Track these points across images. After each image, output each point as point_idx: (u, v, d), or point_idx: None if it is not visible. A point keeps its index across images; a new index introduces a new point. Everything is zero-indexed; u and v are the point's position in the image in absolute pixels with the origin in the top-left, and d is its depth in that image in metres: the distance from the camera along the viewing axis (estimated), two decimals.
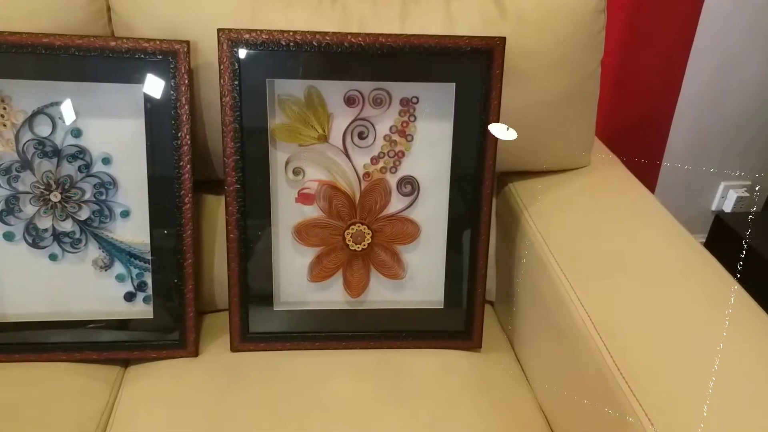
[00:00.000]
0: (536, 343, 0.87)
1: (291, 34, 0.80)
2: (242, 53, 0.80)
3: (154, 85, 0.81)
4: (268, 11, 0.84)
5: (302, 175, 0.87)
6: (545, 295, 0.82)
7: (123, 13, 0.85)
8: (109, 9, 0.86)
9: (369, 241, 0.89)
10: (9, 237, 0.85)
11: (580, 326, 0.72)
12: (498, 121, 0.83)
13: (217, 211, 0.96)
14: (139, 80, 0.81)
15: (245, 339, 0.89)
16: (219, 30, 0.78)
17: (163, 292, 0.88)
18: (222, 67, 0.80)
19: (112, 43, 0.79)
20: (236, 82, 0.80)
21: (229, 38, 0.78)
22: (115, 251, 0.88)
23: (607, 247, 0.83)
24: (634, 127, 1.48)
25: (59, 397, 0.82)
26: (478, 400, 0.83)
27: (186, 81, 0.81)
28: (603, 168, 1.03)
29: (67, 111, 0.82)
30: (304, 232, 0.89)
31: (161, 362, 0.89)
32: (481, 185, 0.86)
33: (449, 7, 0.87)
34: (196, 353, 0.90)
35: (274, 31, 0.80)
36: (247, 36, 0.79)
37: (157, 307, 0.88)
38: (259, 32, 0.79)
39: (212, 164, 0.93)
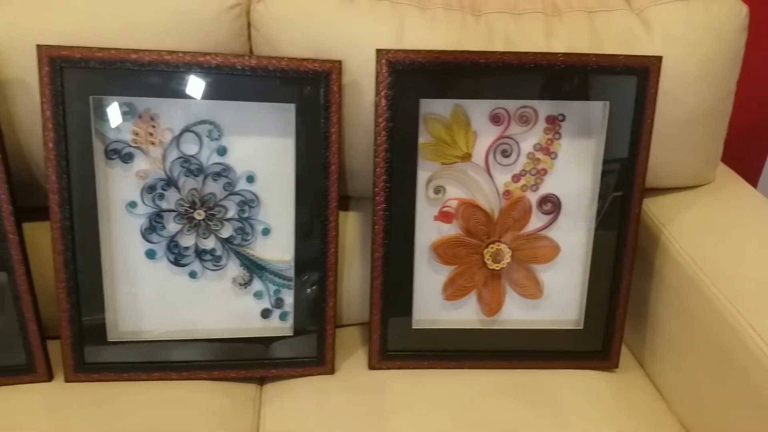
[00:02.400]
0: (681, 362, 0.85)
1: (443, 54, 0.79)
2: (398, 73, 0.79)
3: (306, 105, 0.81)
4: (414, 30, 0.84)
5: (443, 194, 0.87)
6: (699, 316, 0.81)
7: (266, 31, 0.84)
8: (249, 26, 0.87)
9: (508, 261, 0.89)
10: (151, 255, 0.86)
11: (753, 350, 0.71)
12: (650, 140, 0.82)
13: (344, 226, 0.95)
14: (291, 99, 0.81)
15: (384, 357, 0.89)
16: (378, 50, 0.78)
17: (304, 310, 0.88)
18: (379, 88, 0.79)
19: (266, 63, 0.79)
20: (391, 102, 0.80)
21: (387, 58, 0.78)
22: (254, 268, 0.88)
23: (762, 269, 0.81)
24: (738, 137, 1.45)
25: (205, 417, 0.82)
26: (625, 420, 0.83)
27: (338, 100, 0.80)
28: (728, 184, 1.01)
29: (214, 130, 0.83)
30: (441, 251, 0.88)
31: (298, 380, 0.88)
32: (629, 204, 0.84)
33: (593, 23, 0.86)
34: (332, 371, 0.90)
35: (430, 51, 0.79)
36: (403, 56, 0.79)
37: (297, 324, 0.88)
38: (415, 53, 0.79)
39: (345, 182, 0.93)
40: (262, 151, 0.84)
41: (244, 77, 0.80)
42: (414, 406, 0.83)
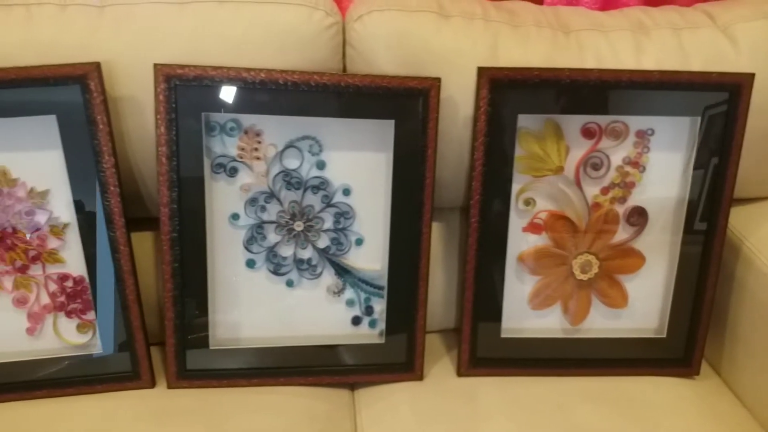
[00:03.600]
0: (763, 370, 0.87)
1: (543, 71, 0.82)
2: (498, 90, 0.82)
3: (405, 120, 0.83)
4: (508, 47, 0.86)
5: (533, 206, 0.89)
6: None
7: (362, 49, 0.86)
8: (344, 44, 0.90)
9: (596, 271, 0.91)
10: (251, 264, 0.88)
11: None
12: (740, 154, 0.84)
13: None
14: (390, 115, 0.83)
15: (473, 364, 0.91)
16: (480, 68, 0.81)
17: (395, 317, 0.90)
18: (479, 104, 0.82)
19: (369, 81, 0.81)
20: (490, 118, 0.82)
21: (488, 76, 0.81)
22: (348, 277, 0.90)
23: None
24: None
25: (305, 422, 0.84)
26: (710, 427, 0.85)
27: (436, 116, 0.83)
28: None
29: (314, 145, 0.86)
30: (530, 261, 0.91)
31: (388, 386, 0.91)
32: (716, 216, 0.87)
33: (681, 40, 0.88)
34: (421, 377, 0.92)
35: (529, 68, 0.81)
36: (504, 73, 0.81)
37: (388, 331, 0.91)
38: (516, 70, 0.81)
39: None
40: (358, 165, 0.86)
41: (345, 94, 0.82)
42: (506, 412, 0.86)
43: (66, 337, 0.87)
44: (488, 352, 0.91)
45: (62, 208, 0.82)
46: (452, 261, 0.98)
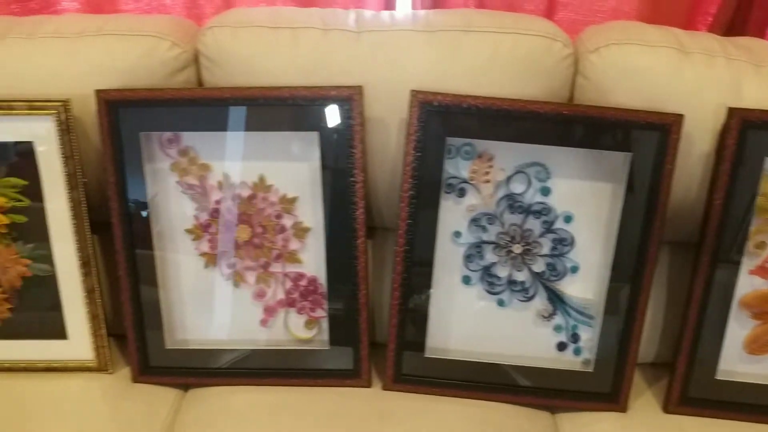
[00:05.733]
0: None
1: None
2: (748, 131, 0.80)
3: (641, 154, 0.83)
4: (751, 87, 0.84)
5: (763, 249, 0.87)
6: None
7: (596, 80, 0.88)
8: (575, 74, 0.92)
9: None
10: (466, 281, 0.93)
11: None
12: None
13: None
14: (624, 148, 0.83)
15: (683, 403, 0.90)
16: (732, 109, 0.80)
17: (605, 348, 0.90)
18: (726, 143, 0.81)
19: (606, 113, 0.82)
20: (736, 159, 0.81)
21: (741, 117, 0.80)
22: (558, 303, 0.92)
23: None
24: None
25: None
26: None
27: (675, 152, 0.82)
28: None
29: (542, 171, 0.88)
30: (754, 305, 0.88)
31: (591, 414, 0.92)
32: None
33: None
34: (625, 409, 0.92)
35: None
36: (758, 115, 0.80)
37: (596, 361, 0.92)
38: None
39: None
40: (583, 194, 0.88)
41: (579, 124, 0.84)
42: None
43: (294, 331, 0.95)
44: (700, 392, 0.90)
45: (307, 214, 0.90)
46: (660, 296, 0.97)
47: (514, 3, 1.11)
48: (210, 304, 0.94)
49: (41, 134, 0.83)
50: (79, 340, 0.92)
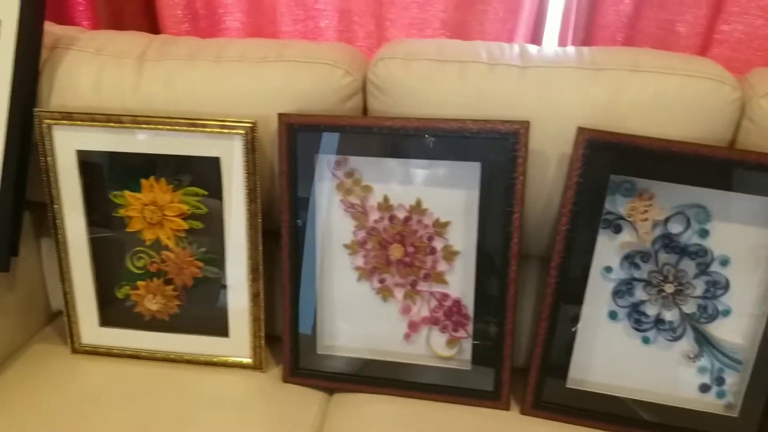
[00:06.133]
0: None
1: None
2: None
3: None
4: None
5: None
6: None
7: (763, 124, 0.87)
8: (741, 117, 0.91)
9: None
10: (613, 315, 0.94)
11: None
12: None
13: None
14: None
15: None
16: None
17: (753, 394, 0.89)
18: None
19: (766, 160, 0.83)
20: None
21: None
22: (706, 345, 0.92)
23: None
24: None
25: None
26: None
27: None
28: None
29: (701, 213, 0.89)
30: None
31: None
32: None
33: None
34: None
35: None
36: None
37: (744, 406, 0.90)
38: None
39: None
40: (743, 238, 0.87)
41: (746, 170, 0.83)
42: None
43: (435, 349, 0.99)
44: None
45: (458, 238, 0.94)
46: None
47: (666, 39, 1.10)
48: (359, 315, 1.00)
49: (229, 151, 0.91)
50: (239, 339, 1.01)
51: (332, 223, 0.97)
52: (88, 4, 1.28)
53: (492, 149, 0.88)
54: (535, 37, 1.20)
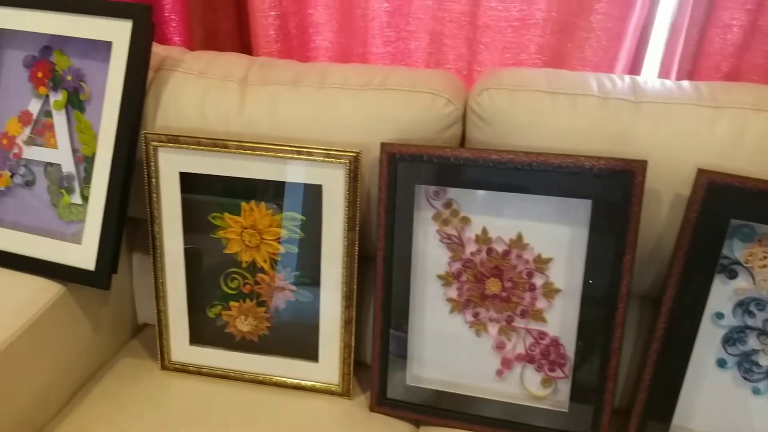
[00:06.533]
0: None
1: None
2: None
3: None
4: None
5: None
6: None
7: None
8: None
9: None
10: (721, 363, 0.89)
11: None
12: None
13: None
14: None
15: None
16: None
17: None
18: None
19: None
20: None
21: None
22: None
23: None
24: None
25: None
26: None
27: None
28: None
29: None
30: None
31: None
32: None
33: None
34: None
35: None
36: None
37: None
38: None
39: None
40: None
41: None
42: None
43: (529, 387, 0.96)
44: None
45: (560, 276, 0.91)
46: None
47: None
48: (450, 348, 0.98)
49: (332, 179, 0.91)
50: (328, 364, 1.00)
51: (427, 253, 0.95)
52: (181, 20, 1.30)
53: (605, 187, 0.85)
54: (635, 66, 1.16)
